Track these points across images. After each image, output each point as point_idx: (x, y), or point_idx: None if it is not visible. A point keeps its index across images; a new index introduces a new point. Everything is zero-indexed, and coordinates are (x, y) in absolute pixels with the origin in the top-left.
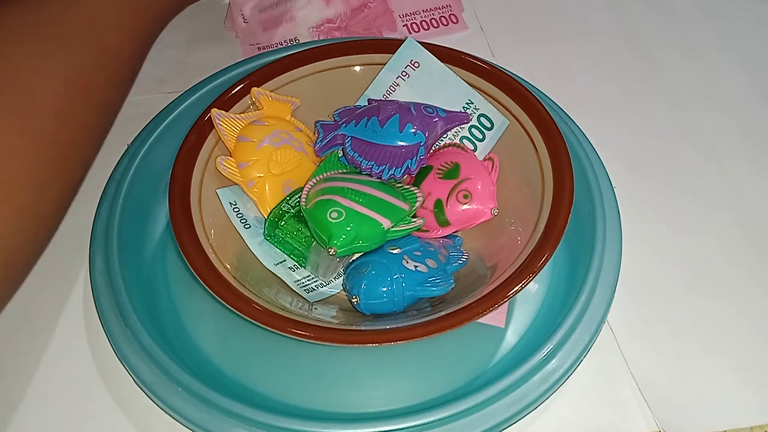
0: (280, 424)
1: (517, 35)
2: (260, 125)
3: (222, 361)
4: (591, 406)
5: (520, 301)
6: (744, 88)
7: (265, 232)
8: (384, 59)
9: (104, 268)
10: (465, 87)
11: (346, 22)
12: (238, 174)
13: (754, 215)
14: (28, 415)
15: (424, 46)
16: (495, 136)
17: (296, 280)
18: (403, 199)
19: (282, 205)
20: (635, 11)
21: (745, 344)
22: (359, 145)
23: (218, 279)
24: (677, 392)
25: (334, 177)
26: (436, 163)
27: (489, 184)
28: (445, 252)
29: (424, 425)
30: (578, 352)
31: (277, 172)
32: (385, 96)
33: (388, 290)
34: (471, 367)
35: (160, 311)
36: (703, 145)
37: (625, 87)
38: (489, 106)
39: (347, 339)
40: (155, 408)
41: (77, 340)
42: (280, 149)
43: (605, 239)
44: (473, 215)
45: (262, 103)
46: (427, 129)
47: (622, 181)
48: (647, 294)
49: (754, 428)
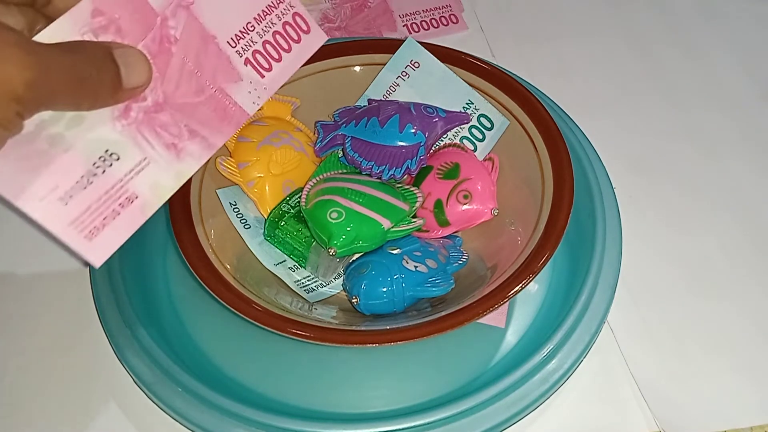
0: (280, 424)
1: (517, 35)
2: (260, 125)
3: (222, 361)
4: (591, 406)
5: (520, 301)
6: (744, 88)
7: (265, 233)
8: (384, 59)
9: (104, 268)
10: (465, 87)
11: (346, 22)
12: (238, 174)
13: (754, 215)
14: (28, 415)
15: (424, 46)
16: (495, 136)
17: (296, 280)
18: (403, 199)
19: (282, 206)
20: (635, 11)
21: (745, 344)
22: (359, 145)
23: (218, 279)
24: (677, 392)
25: (334, 177)
26: (436, 163)
27: (489, 185)
28: (445, 252)
29: (424, 425)
30: (578, 352)
31: (277, 173)
32: (385, 96)
33: (388, 290)
34: (471, 367)
35: (160, 311)
36: (703, 145)
37: (625, 87)
38: (489, 106)
39: (347, 339)
40: (155, 408)
41: (77, 340)
42: (280, 149)
43: (605, 239)
44: (473, 215)
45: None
46: (427, 129)
47: (622, 181)
48: (647, 294)
49: (754, 428)
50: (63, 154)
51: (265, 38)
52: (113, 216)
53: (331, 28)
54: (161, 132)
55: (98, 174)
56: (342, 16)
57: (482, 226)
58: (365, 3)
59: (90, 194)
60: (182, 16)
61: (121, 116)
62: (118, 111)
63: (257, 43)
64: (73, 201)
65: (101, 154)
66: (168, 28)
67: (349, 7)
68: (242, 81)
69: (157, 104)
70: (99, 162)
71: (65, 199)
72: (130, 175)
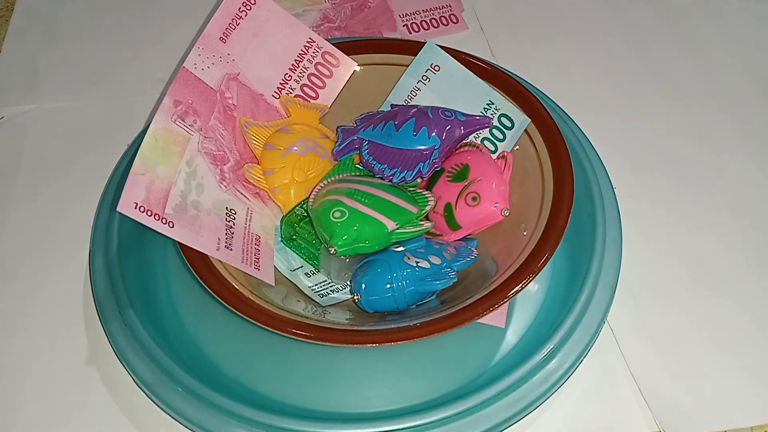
0: (280, 424)
1: (517, 35)
2: (286, 133)
3: (222, 361)
4: (591, 406)
5: (520, 301)
6: (744, 86)
7: (282, 236)
8: (384, 59)
9: (104, 268)
10: (486, 88)
11: (346, 21)
12: (263, 181)
13: (754, 214)
14: (28, 415)
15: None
16: (516, 135)
17: (310, 285)
18: (413, 202)
19: (296, 209)
20: (635, 10)
21: (745, 344)
22: (375, 148)
23: (218, 279)
24: (677, 392)
25: (344, 179)
26: (447, 165)
27: (499, 185)
28: (453, 251)
29: (424, 425)
30: (578, 352)
31: (301, 180)
32: (406, 101)
33: (389, 287)
34: (471, 367)
35: (160, 311)
36: (703, 144)
37: (625, 86)
38: (510, 105)
39: (347, 339)
40: (155, 408)
41: (77, 340)
42: (305, 156)
43: (605, 239)
44: (483, 217)
45: (290, 110)
46: (444, 132)
47: (622, 181)
48: (647, 294)
49: (754, 428)
50: (206, 217)
51: (302, 82)
52: (256, 252)
53: (331, 28)
54: (247, 184)
55: (233, 226)
56: (342, 16)
57: (499, 230)
58: (365, 3)
59: (238, 241)
60: (234, 86)
61: (221, 179)
62: (218, 175)
63: (296, 89)
64: (233, 246)
65: (227, 212)
66: (226, 99)
67: (349, 7)
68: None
69: (237, 162)
70: (228, 219)
71: (229, 247)
72: (248, 224)
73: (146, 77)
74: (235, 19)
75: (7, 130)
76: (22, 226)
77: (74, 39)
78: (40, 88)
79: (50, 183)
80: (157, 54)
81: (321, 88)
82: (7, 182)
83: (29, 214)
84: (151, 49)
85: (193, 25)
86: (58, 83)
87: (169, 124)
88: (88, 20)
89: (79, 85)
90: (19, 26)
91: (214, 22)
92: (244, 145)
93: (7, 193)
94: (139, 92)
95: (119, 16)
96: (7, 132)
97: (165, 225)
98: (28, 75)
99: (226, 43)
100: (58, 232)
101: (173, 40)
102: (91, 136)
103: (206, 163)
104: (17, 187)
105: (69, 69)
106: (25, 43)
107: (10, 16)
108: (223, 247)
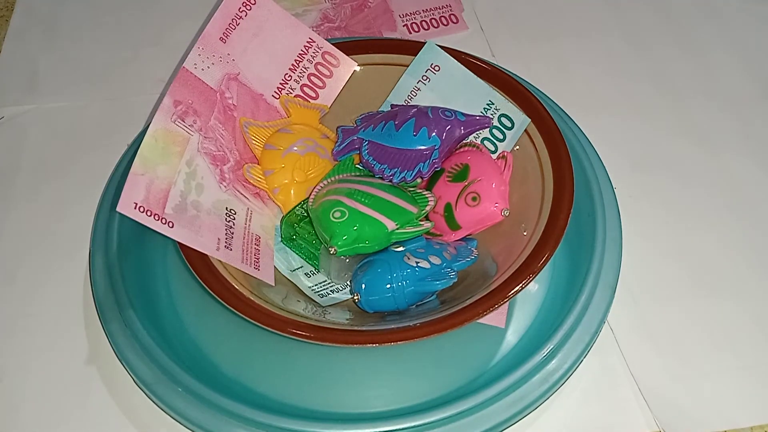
0: (280, 424)
1: (517, 35)
2: (286, 133)
3: (222, 361)
4: (591, 406)
5: (520, 301)
6: (744, 86)
7: (282, 236)
8: (384, 59)
9: (104, 268)
10: (486, 88)
11: (346, 21)
12: (263, 181)
13: (754, 214)
14: (28, 415)
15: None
16: (516, 135)
17: (310, 285)
18: (413, 202)
19: (296, 209)
20: (635, 10)
21: (745, 344)
22: (375, 148)
23: (218, 279)
24: (677, 392)
25: (345, 179)
26: (447, 165)
27: (499, 185)
28: (453, 251)
29: (424, 425)
30: (578, 352)
31: (301, 180)
32: (406, 101)
33: (389, 287)
34: (471, 367)
35: (160, 311)
36: (703, 144)
37: (625, 86)
38: (510, 105)
39: (347, 339)
40: (155, 408)
41: (77, 340)
42: (305, 157)
43: (605, 239)
44: (483, 217)
45: (290, 110)
46: (444, 132)
47: (622, 181)
48: (647, 294)
49: (754, 428)
50: (206, 217)
51: (302, 82)
52: (256, 252)
53: (331, 28)
54: (247, 184)
55: (233, 226)
56: (342, 16)
57: (498, 230)
58: (365, 3)
59: (237, 241)
60: (234, 86)
61: (221, 179)
62: (218, 175)
63: (296, 89)
64: (233, 246)
65: (226, 212)
66: (226, 99)
67: (349, 7)
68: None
69: (237, 162)
70: (228, 219)
71: (229, 247)
72: (247, 224)
73: (146, 77)
74: (235, 19)
75: (7, 130)
76: (22, 226)
77: (74, 39)
78: (40, 88)
79: (50, 183)
80: (157, 54)
81: (321, 88)
82: (7, 182)
83: (29, 214)
84: (151, 49)
85: (193, 25)
86: (58, 83)
87: (169, 124)
88: (88, 20)
89: (79, 85)
90: (19, 26)
91: (214, 22)
92: (244, 145)
93: (7, 193)
94: (139, 92)
95: (119, 16)
96: (7, 132)
97: (165, 225)
98: (28, 75)
99: (226, 43)
100: (58, 232)
101: (173, 40)
102: (91, 136)
103: (206, 163)
104: (17, 187)
105: (69, 69)
106: (25, 43)
107: (10, 16)
108: (223, 247)
